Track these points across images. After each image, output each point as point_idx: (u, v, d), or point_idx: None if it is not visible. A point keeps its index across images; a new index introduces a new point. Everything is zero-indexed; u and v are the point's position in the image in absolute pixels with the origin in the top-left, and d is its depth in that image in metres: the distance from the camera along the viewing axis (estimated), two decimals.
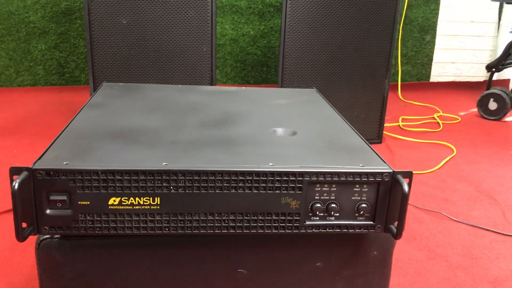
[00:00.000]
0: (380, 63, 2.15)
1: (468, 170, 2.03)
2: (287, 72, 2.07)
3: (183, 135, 0.85)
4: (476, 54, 3.53)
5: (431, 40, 3.44)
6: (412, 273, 1.29)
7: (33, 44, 2.87)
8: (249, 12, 3.05)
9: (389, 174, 0.74)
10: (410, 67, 3.45)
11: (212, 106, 1.05)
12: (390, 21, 2.10)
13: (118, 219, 0.72)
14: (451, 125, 2.70)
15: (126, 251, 0.77)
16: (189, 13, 1.98)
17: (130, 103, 1.04)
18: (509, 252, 1.41)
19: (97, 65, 2.00)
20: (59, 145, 0.78)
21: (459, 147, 2.31)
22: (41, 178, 0.69)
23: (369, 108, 2.21)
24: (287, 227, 0.75)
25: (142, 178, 0.70)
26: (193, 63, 2.04)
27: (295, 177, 0.73)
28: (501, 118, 2.82)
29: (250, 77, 3.18)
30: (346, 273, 0.82)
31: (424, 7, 3.35)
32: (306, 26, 2.03)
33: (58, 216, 0.71)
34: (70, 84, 3.00)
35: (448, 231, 1.52)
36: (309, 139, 0.87)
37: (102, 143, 0.79)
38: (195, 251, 0.78)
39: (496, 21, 3.48)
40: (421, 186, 1.85)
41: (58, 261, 0.76)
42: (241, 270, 0.80)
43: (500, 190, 1.84)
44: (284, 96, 1.18)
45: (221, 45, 3.08)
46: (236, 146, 0.81)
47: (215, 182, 0.72)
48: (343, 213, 0.76)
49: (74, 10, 2.87)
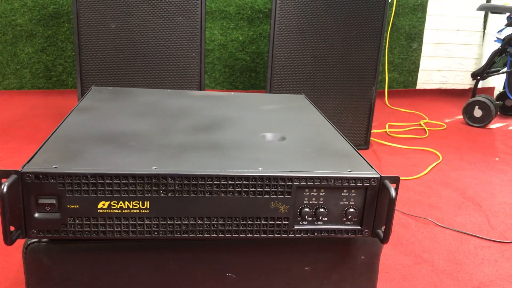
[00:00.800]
0: (367, 70, 2.17)
1: (453, 176, 2.05)
2: (276, 78, 2.08)
3: (172, 139, 0.86)
4: (462, 62, 3.58)
5: (417, 48, 3.48)
6: (398, 278, 1.30)
7: (20, 47, 2.85)
8: (238, 18, 3.06)
9: (376, 179, 0.75)
10: (397, 74, 3.49)
11: (201, 111, 1.05)
12: (378, 29, 2.12)
13: (107, 223, 0.72)
14: (437, 131, 2.73)
15: (115, 255, 0.77)
16: (178, 18, 1.98)
17: (119, 107, 1.04)
18: (493, 257, 1.43)
19: (85, 69, 1.99)
20: (48, 148, 0.77)
21: (445, 154, 2.34)
22: (30, 181, 0.68)
23: (357, 115, 2.23)
24: (276, 231, 0.76)
25: (131, 182, 0.70)
26: (181, 68, 2.04)
27: (284, 182, 0.74)
28: (486, 125, 2.86)
29: (238, 82, 3.19)
30: (333, 277, 0.83)
31: (411, 15, 3.39)
32: (295, 33, 2.05)
33: (47, 220, 0.70)
34: (57, 88, 2.98)
35: (433, 236, 1.54)
36: (298, 144, 0.88)
37: (92, 147, 0.79)
38: (184, 255, 0.78)
39: (481, 30, 3.54)
40: (407, 192, 1.87)
41: (46, 265, 0.75)
42: (230, 275, 0.80)
43: (485, 196, 1.87)
44: (273, 101, 1.19)
45: (210, 50, 3.09)
46: (225, 151, 0.81)
47: (204, 186, 0.72)
48: (331, 218, 0.77)
49: (62, 14, 2.86)
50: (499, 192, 1.91)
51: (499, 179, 2.05)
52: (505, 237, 1.56)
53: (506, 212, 1.74)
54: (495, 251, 1.47)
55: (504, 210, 1.76)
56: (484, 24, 3.54)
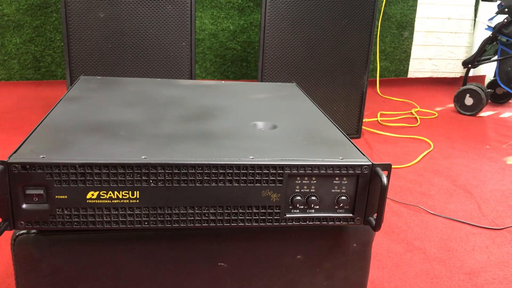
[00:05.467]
0: (359, 59, 2.16)
1: (444, 164, 2.06)
2: (267, 68, 2.07)
3: (162, 128, 0.85)
4: (453, 50, 3.59)
5: (409, 37, 3.48)
6: (391, 266, 1.31)
7: (7, 38, 2.81)
8: (228, 7, 3.04)
9: (368, 167, 0.75)
10: (388, 63, 3.49)
11: (192, 100, 1.04)
12: (369, 18, 2.12)
13: (96, 213, 0.71)
14: (428, 120, 2.74)
15: (105, 246, 0.76)
16: (167, 7, 1.96)
17: (108, 97, 1.03)
18: (484, 244, 1.44)
19: (74, 59, 1.97)
20: (36, 138, 0.76)
21: (436, 142, 2.35)
22: (17, 172, 0.67)
23: (348, 103, 2.23)
24: (268, 220, 0.75)
25: (121, 171, 0.69)
26: (172, 58, 2.02)
27: (276, 170, 0.73)
28: (476, 113, 2.87)
29: (229, 72, 3.18)
30: (326, 265, 0.83)
31: (402, 3, 3.38)
32: (286, 22, 2.03)
33: (35, 211, 0.69)
34: (46, 79, 2.94)
35: (425, 224, 1.54)
36: (289, 133, 0.87)
37: (80, 136, 0.78)
38: (175, 245, 0.78)
39: (472, 18, 3.54)
40: (398, 180, 1.87)
41: (35, 257, 0.74)
42: (222, 264, 0.80)
43: (476, 184, 1.88)
44: (264, 90, 1.18)
45: (201, 40, 3.06)
46: (216, 140, 0.81)
47: (195, 176, 0.71)
48: (323, 206, 0.77)
49: (50, 3, 2.82)
50: (490, 180, 1.92)
51: (490, 167, 2.06)
52: (496, 224, 1.57)
53: (497, 199, 1.75)
54: (486, 238, 1.48)
55: (495, 197, 1.77)
56: (475, 12, 3.54)
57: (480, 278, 1.27)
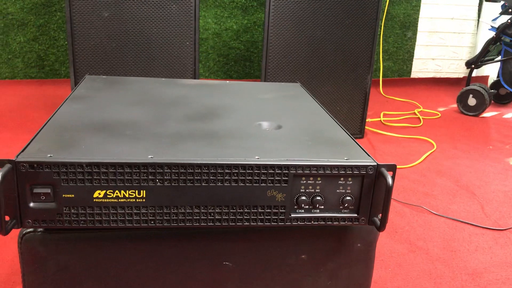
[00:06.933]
0: (362, 58, 2.17)
1: (447, 165, 2.06)
2: (271, 67, 2.08)
3: (168, 128, 0.85)
4: (456, 50, 3.58)
5: (412, 37, 3.47)
6: (394, 266, 1.31)
7: (12, 36, 2.82)
8: (232, 6, 3.04)
9: (373, 167, 0.75)
10: (391, 63, 3.49)
11: (196, 100, 1.05)
12: (373, 18, 2.12)
13: (103, 212, 0.71)
14: (431, 120, 2.74)
15: (111, 244, 0.76)
16: (171, 6, 1.96)
17: (114, 96, 1.03)
18: (487, 245, 1.44)
19: (78, 58, 1.97)
20: (43, 137, 0.77)
21: (439, 142, 2.35)
22: (25, 170, 0.68)
23: (352, 103, 2.23)
24: (273, 220, 0.76)
25: (127, 171, 0.70)
26: (175, 57, 2.03)
27: (281, 170, 0.73)
28: (480, 114, 2.87)
29: (233, 71, 3.18)
30: (330, 265, 0.83)
31: (406, 3, 3.38)
32: (290, 21, 2.04)
33: (42, 209, 0.70)
34: (50, 77, 2.95)
35: (428, 224, 1.55)
36: (294, 133, 0.87)
37: (87, 135, 0.79)
38: (180, 244, 0.78)
39: (475, 19, 3.54)
40: (402, 180, 1.87)
41: (42, 255, 0.75)
42: (227, 263, 0.80)
43: (479, 184, 1.88)
44: (268, 90, 1.18)
45: (204, 39, 3.07)
46: (221, 140, 0.81)
47: (201, 175, 0.72)
48: (327, 206, 0.77)
49: (54, 2, 2.82)
50: (493, 180, 1.92)
51: (493, 167, 2.06)
52: (499, 225, 1.57)
53: (499, 199, 1.75)
54: (489, 239, 1.48)
55: (498, 197, 1.77)
56: (478, 12, 3.54)
57: (483, 279, 1.28)
